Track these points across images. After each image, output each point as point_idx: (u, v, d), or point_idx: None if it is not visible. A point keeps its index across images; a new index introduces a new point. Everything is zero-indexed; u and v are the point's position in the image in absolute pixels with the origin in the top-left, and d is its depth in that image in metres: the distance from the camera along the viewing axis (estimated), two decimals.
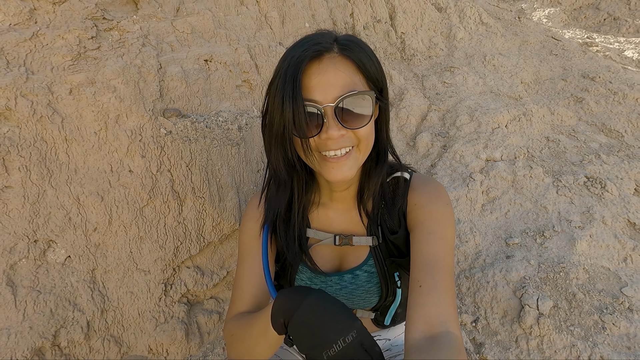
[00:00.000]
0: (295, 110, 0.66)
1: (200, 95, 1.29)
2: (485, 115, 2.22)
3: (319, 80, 0.67)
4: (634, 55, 3.88)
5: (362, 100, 0.68)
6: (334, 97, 0.67)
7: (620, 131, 2.53)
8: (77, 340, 1.08)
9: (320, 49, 0.68)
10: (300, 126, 0.67)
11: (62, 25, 1.10)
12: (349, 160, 0.71)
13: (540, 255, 1.56)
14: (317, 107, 0.67)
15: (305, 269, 0.86)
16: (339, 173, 0.71)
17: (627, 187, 1.96)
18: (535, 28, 3.73)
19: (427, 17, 3.07)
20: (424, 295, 0.65)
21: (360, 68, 0.70)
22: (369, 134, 0.72)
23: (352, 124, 0.69)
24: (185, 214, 1.21)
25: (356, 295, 0.85)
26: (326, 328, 0.59)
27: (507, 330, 1.34)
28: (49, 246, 1.06)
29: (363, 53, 0.71)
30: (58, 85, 1.05)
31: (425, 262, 0.69)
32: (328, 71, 0.67)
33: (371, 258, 0.82)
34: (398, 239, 0.80)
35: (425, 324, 0.61)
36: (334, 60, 0.68)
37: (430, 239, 0.72)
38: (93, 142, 1.09)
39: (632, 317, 1.34)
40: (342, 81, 0.68)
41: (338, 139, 0.68)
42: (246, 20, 1.57)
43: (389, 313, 0.87)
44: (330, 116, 0.67)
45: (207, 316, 1.28)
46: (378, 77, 0.74)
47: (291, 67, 0.67)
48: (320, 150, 0.71)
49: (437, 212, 0.76)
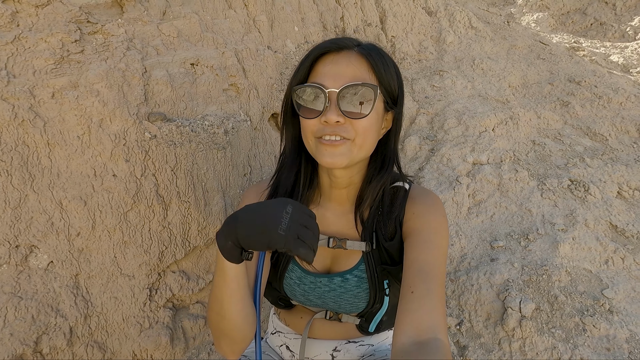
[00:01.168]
0: (301, 89, 0.73)
1: (186, 99, 1.29)
2: (472, 119, 2.25)
3: (330, 69, 0.72)
4: (619, 59, 3.96)
5: (366, 94, 0.71)
6: (340, 85, 0.71)
7: (604, 135, 2.58)
8: (59, 346, 1.07)
9: (341, 44, 0.74)
10: (303, 106, 0.74)
11: (45, 29, 1.09)
12: (343, 147, 0.73)
13: (524, 258, 1.59)
14: (323, 90, 0.71)
15: (296, 268, 0.86)
16: (331, 157, 0.73)
17: (610, 190, 2.00)
18: (523, 32, 3.79)
19: (418, 21, 3.09)
20: (415, 300, 0.65)
21: (374, 68, 0.74)
22: (366, 129, 0.73)
23: (351, 115, 0.71)
24: (170, 218, 1.21)
25: (344, 299, 0.85)
26: (267, 213, 0.63)
27: (490, 332, 1.35)
28: (31, 251, 1.05)
29: (380, 59, 0.75)
30: (40, 89, 1.04)
31: (419, 269, 0.70)
32: (341, 62, 0.72)
33: (363, 263, 0.83)
34: (392, 247, 0.81)
35: (415, 330, 0.62)
36: (349, 55, 0.74)
37: (425, 248, 0.73)
38: (76, 146, 1.08)
39: (612, 318, 1.37)
40: (352, 73, 0.72)
41: (335, 125, 0.71)
42: (234, 24, 1.57)
43: (374, 320, 0.88)
44: (332, 101, 0.71)
45: (192, 321, 1.28)
46: (392, 84, 0.77)
47: (310, 53, 0.75)
48: (317, 135, 0.74)
49: (434, 223, 0.78)
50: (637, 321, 1.39)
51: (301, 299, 0.89)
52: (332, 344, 0.94)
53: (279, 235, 0.60)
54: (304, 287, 0.86)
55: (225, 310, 0.72)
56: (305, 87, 0.73)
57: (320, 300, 0.87)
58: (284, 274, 0.87)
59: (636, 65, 3.86)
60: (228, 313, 0.72)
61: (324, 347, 0.94)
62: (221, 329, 0.75)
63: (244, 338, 0.76)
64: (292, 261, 0.87)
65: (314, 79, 0.74)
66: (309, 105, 0.74)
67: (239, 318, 0.73)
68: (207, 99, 1.35)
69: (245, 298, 0.73)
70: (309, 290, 0.86)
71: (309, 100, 0.74)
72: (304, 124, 0.75)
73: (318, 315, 0.91)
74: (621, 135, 2.63)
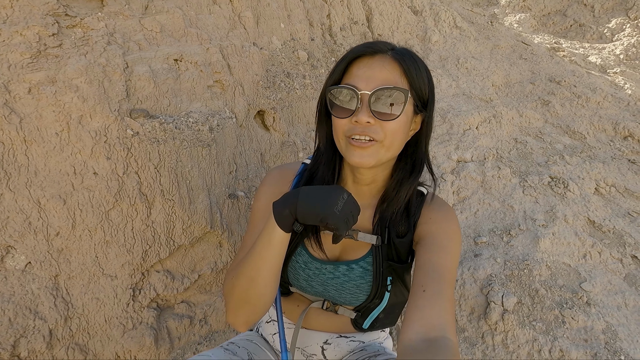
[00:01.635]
0: (336, 90, 0.77)
1: (169, 95, 1.26)
2: (457, 117, 2.28)
3: (364, 72, 0.76)
4: (597, 60, 4.09)
5: (396, 97, 0.74)
6: (372, 87, 0.74)
7: (583, 133, 2.66)
8: (38, 349, 1.04)
9: (375, 48, 0.77)
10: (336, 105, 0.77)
11: (21, 21, 1.05)
12: (371, 149, 0.76)
13: (506, 253, 1.63)
14: (355, 92, 0.74)
15: (303, 252, 0.87)
16: (359, 158, 0.76)
17: (588, 187, 2.07)
18: (506, 33, 3.87)
19: (403, 19, 3.12)
20: (426, 298, 0.67)
21: (406, 73, 0.76)
22: (395, 131, 0.76)
23: (381, 116, 0.74)
24: (154, 216, 1.19)
25: (346, 289, 0.86)
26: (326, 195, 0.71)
27: (474, 326, 1.38)
28: (7, 252, 1.02)
29: (413, 63, 0.77)
30: (16, 84, 1.01)
31: (433, 270, 0.71)
32: (375, 66, 0.76)
33: (370, 255, 0.84)
34: (402, 244, 0.83)
35: (424, 327, 0.62)
36: (383, 60, 0.76)
37: (439, 251, 0.76)
38: (54, 143, 1.04)
39: (590, 311, 1.41)
40: (385, 77, 0.75)
41: (365, 126, 0.74)
42: (219, 20, 1.55)
43: (370, 316, 0.89)
44: (364, 102, 0.74)
45: (177, 321, 1.26)
46: (423, 89, 0.79)
47: (346, 56, 0.79)
48: (348, 134, 0.77)
49: (450, 231, 0.80)
50: (612, 313, 1.44)
51: (303, 284, 0.90)
52: (324, 336, 0.95)
53: (334, 213, 0.68)
54: (309, 272, 0.87)
55: (260, 276, 0.75)
56: (339, 88, 0.76)
57: (322, 287, 0.88)
58: (291, 256, 0.88)
59: (613, 66, 3.99)
60: (262, 279, 0.75)
61: (315, 338, 0.95)
62: (248, 296, 0.77)
63: (263, 308, 0.79)
64: (300, 245, 0.88)
65: (348, 80, 0.77)
66: (342, 105, 0.77)
67: (270, 286, 0.77)
68: (192, 95, 1.33)
69: (279, 269, 0.78)
70: (313, 276, 0.87)
71: (342, 100, 0.77)
72: (336, 123, 0.78)
73: (315, 305, 0.92)
74: (599, 134, 2.71)
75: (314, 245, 0.86)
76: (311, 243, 0.86)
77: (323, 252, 0.86)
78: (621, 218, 1.93)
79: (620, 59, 4.19)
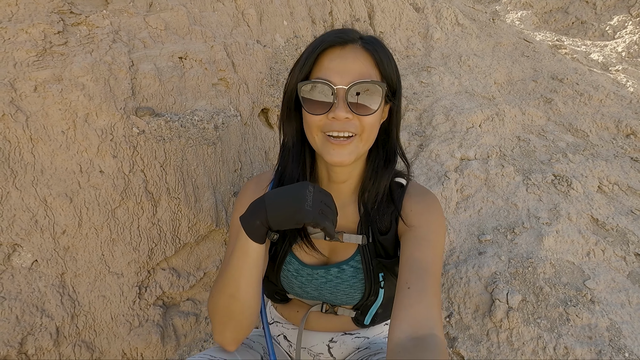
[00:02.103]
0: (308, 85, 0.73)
1: (174, 93, 1.26)
2: (460, 115, 2.28)
3: (337, 64, 0.72)
4: (599, 58, 4.08)
5: (373, 91, 0.72)
6: (348, 81, 0.71)
7: (585, 131, 2.66)
8: (45, 347, 1.04)
9: (345, 37, 0.74)
10: (310, 101, 0.73)
11: (26, 19, 1.05)
12: (350, 146, 0.74)
13: (510, 251, 1.63)
14: (330, 86, 0.71)
15: (293, 261, 0.87)
16: (338, 156, 0.74)
17: (591, 185, 2.07)
18: (508, 30, 3.86)
19: (405, 17, 3.11)
20: (412, 296, 0.66)
21: (378, 64, 0.75)
22: (373, 124, 0.75)
23: (359, 110, 0.72)
24: (159, 215, 1.19)
25: (340, 290, 0.86)
26: (293, 194, 0.69)
27: (478, 324, 1.39)
28: (14, 250, 1.02)
29: (383, 52, 0.76)
30: (22, 82, 1.01)
31: (416, 266, 0.71)
32: (348, 57, 0.73)
33: (358, 254, 0.84)
34: (386, 240, 0.82)
35: (411, 325, 0.62)
36: (355, 50, 0.74)
37: (422, 245, 0.74)
38: (60, 141, 1.04)
39: (594, 308, 1.42)
40: (359, 69, 0.72)
41: (344, 121, 0.72)
42: (222, 17, 1.54)
43: (370, 313, 0.89)
44: (341, 98, 0.71)
45: (183, 318, 1.26)
46: (393, 78, 0.78)
47: (315, 47, 0.74)
48: (324, 130, 0.74)
49: (433, 222, 0.79)
50: (616, 310, 1.44)
51: (298, 291, 0.90)
52: (329, 335, 0.95)
53: (307, 210, 0.66)
54: (301, 279, 0.87)
55: (241, 291, 0.73)
56: (312, 82, 0.73)
57: (317, 292, 0.88)
58: (282, 266, 0.88)
59: (615, 63, 3.98)
60: (243, 294, 0.74)
61: (320, 338, 0.95)
62: (231, 312, 0.75)
63: (249, 323, 0.77)
64: (289, 254, 0.87)
65: (320, 73, 0.73)
66: (316, 100, 0.73)
67: (252, 300, 0.75)
68: (196, 93, 1.32)
69: (260, 281, 0.76)
70: (306, 282, 0.87)
71: (316, 96, 0.73)
72: (310, 120, 0.75)
73: (314, 309, 0.92)
74: (601, 132, 2.71)
75: (302, 252, 0.85)
76: (299, 249, 0.86)
77: (312, 257, 0.85)
78: (624, 216, 1.93)
79: (622, 56, 4.18)
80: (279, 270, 0.88)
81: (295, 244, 0.86)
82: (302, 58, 0.76)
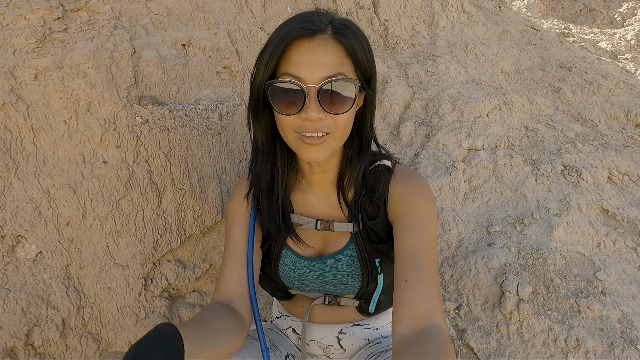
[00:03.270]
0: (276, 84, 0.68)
1: (178, 82, 1.23)
2: (467, 105, 2.23)
3: (307, 59, 0.67)
4: (607, 46, 3.99)
5: (346, 87, 0.68)
6: (319, 79, 0.67)
7: (594, 120, 2.61)
8: (52, 338, 1.03)
9: (313, 27, 0.67)
10: (280, 101, 0.69)
11: (24, 4, 1.01)
12: (324, 145, 0.72)
13: (519, 242, 1.60)
14: (300, 85, 0.66)
15: (289, 254, 0.86)
16: (313, 154, 0.71)
17: (601, 175, 2.03)
18: (515, 18, 3.78)
19: (410, 4, 3.04)
20: (410, 289, 0.65)
21: (351, 54, 0.70)
22: (347, 122, 0.72)
23: (332, 109, 0.68)
24: (164, 206, 1.17)
25: (338, 280, 0.86)
26: None
27: (488, 316, 1.37)
28: (18, 242, 1.00)
29: (356, 40, 0.70)
30: (21, 70, 0.98)
31: (410, 257, 0.69)
32: (317, 51, 0.67)
33: (352, 243, 0.83)
34: (376, 226, 0.81)
35: (412, 319, 0.62)
36: (325, 42, 0.68)
37: (414, 233, 0.72)
38: (63, 131, 1.02)
39: (605, 300, 1.40)
40: (330, 64, 0.67)
41: (316, 121, 0.68)
42: (226, 4, 1.50)
43: (373, 300, 0.88)
44: (312, 97, 0.67)
45: (189, 310, 1.25)
46: (367, 67, 0.73)
47: (280, 40, 0.67)
48: (297, 130, 0.71)
49: (421, 205, 0.76)
50: (628, 302, 1.42)
51: (298, 285, 0.89)
52: (337, 327, 0.94)
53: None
54: (299, 271, 0.86)
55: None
56: (280, 82, 0.68)
57: (316, 284, 0.87)
58: (279, 261, 0.87)
59: (624, 52, 3.90)
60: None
61: (329, 330, 0.94)
62: None
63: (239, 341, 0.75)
64: (285, 247, 0.86)
65: (288, 69, 0.68)
66: (285, 100, 0.69)
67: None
68: (200, 82, 1.29)
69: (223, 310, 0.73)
70: (304, 275, 0.86)
71: (285, 95, 0.68)
72: (282, 120, 0.71)
73: (317, 301, 0.92)
74: (610, 121, 2.66)
75: (297, 243, 0.84)
76: (294, 242, 0.85)
77: (307, 246, 0.84)
78: (635, 207, 1.90)
79: (631, 44, 4.09)
80: (276, 265, 0.87)
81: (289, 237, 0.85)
82: (267, 51, 0.69)
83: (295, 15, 0.70)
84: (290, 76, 0.67)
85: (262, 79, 0.71)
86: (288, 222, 0.84)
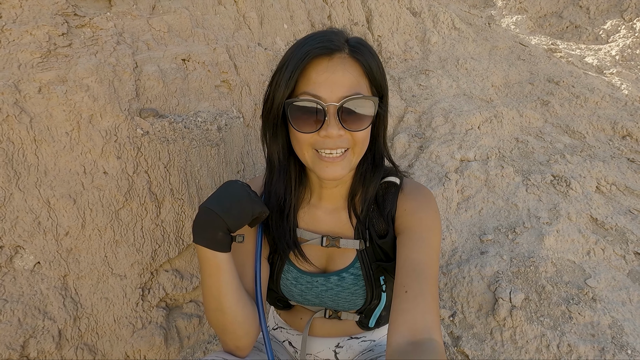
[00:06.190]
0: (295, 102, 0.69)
1: (178, 95, 1.27)
2: (459, 117, 2.30)
3: (326, 78, 0.68)
4: (593, 61, 4.13)
5: (365, 105, 0.70)
6: (339, 97, 0.68)
7: (582, 132, 2.68)
8: (47, 350, 1.03)
9: (332, 47, 0.69)
10: (299, 119, 0.70)
11: (30, 21, 1.05)
12: (344, 162, 0.72)
13: (512, 250, 1.64)
14: (321, 104, 0.68)
15: (292, 269, 0.85)
16: (332, 172, 0.72)
17: (589, 185, 2.09)
18: (504, 34, 3.90)
19: (403, 21, 3.14)
20: (409, 300, 0.65)
21: (367, 72, 0.72)
22: (365, 137, 0.73)
23: (352, 126, 0.70)
24: (163, 216, 1.18)
25: (342, 297, 0.85)
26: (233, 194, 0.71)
27: (482, 323, 1.39)
28: (16, 252, 1.01)
29: (372, 58, 0.72)
30: (26, 83, 1.01)
31: (412, 269, 0.69)
32: (337, 70, 0.68)
33: (357, 261, 0.82)
34: (386, 244, 0.80)
35: (409, 330, 0.62)
36: (343, 61, 0.69)
37: (418, 246, 0.73)
38: (64, 142, 1.04)
39: (596, 306, 1.42)
40: (349, 82, 0.69)
41: (336, 138, 0.69)
42: (224, 20, 1.55)
43: (374, 316, 0.88)
44: (332, 115, 0.68)
45: (186, 320, 1.26)
46: (382, 84, 0.75)
47: (300, 59, 0.68)
48: (316, 147, 0.72)
49: (427, 220, 0.77)
50: (618, 308, 1.45)
51: (299, 299, 0.88)
52: (335, 340, 0.94)
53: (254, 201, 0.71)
54: (301, 287, 0.86)
55: (224, 304, 0.72)
56: (300, 101, 0.69)
57: (318, 300, 0.87)
58: (280, 274, 0.86)
59: (609, 66, 4.03)
60: (227, 306, 0.72)
61: (326, 344, 0.94)
62: (223, 326, 0.74)
63: (247, 332, 0.75)
64: (287, 262, 0.86)
65: (307, 88, 0.69)
66: (305, 117, 0.70)
67: (238, 309, 0.73)
68: (199, 95, 1.33)
69: (240, 287, 0.75)
70: (306, 290, 0.86)
71: (305, 113, 0.69)
72: (299, 137, 0.72)
73: (317, 315, 0.91)
74: (597, 133, 2.74)
75: (300, 259, 0.83)
76: (296, 257, 0.84)
77: (310, 264, 0.84)
78: (623, 215, 1.94)
79: (616, 59, 4.24)
80: (278, 278, 0.86)
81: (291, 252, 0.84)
82: (287, 70, 0.69)
83: (311, 35, 0.72)
84: (310, 95, 0.68)
85: (282, 97, 0.71)
86: (293, 238, 0.83)
